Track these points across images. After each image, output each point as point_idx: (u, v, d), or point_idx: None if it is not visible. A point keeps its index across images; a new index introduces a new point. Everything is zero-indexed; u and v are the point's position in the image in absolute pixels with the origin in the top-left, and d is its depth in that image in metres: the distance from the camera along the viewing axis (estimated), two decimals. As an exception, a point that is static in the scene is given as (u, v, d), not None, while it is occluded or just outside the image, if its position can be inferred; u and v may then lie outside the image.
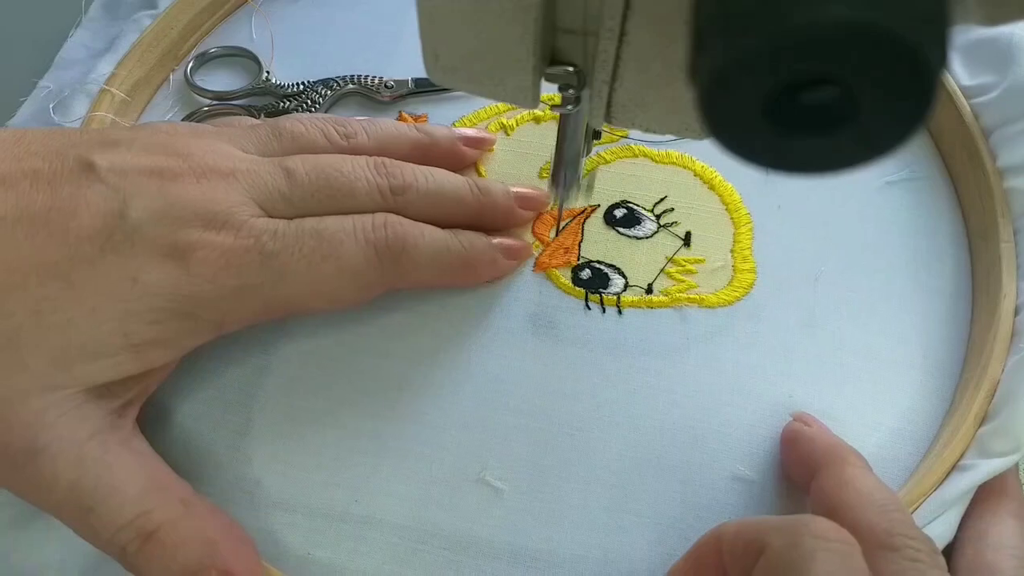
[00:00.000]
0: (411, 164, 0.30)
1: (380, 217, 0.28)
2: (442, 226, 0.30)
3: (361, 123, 0.31)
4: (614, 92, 0.22)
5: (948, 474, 0.26)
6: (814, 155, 0.15)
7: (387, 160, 0.29)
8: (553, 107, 0.23)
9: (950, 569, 0.25)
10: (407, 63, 0.37)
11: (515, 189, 0.32)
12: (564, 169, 0.28)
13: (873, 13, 0.13)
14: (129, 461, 0.24)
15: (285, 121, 0.30)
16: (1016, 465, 0.27)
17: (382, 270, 0.27)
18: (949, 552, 0.26)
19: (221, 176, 0.26)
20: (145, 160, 0.26)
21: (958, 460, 0.26)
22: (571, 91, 0.23)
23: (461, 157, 0.33)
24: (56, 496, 0.23)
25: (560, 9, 0.21)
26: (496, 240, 0.31)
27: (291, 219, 0.27)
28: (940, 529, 0.26)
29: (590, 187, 0.32)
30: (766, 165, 0.16)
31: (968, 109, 0.33)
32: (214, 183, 0.26)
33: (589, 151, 0.29)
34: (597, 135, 0.29)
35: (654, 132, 0.23)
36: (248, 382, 0.29)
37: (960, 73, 0.34)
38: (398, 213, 0.29)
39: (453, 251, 0.29)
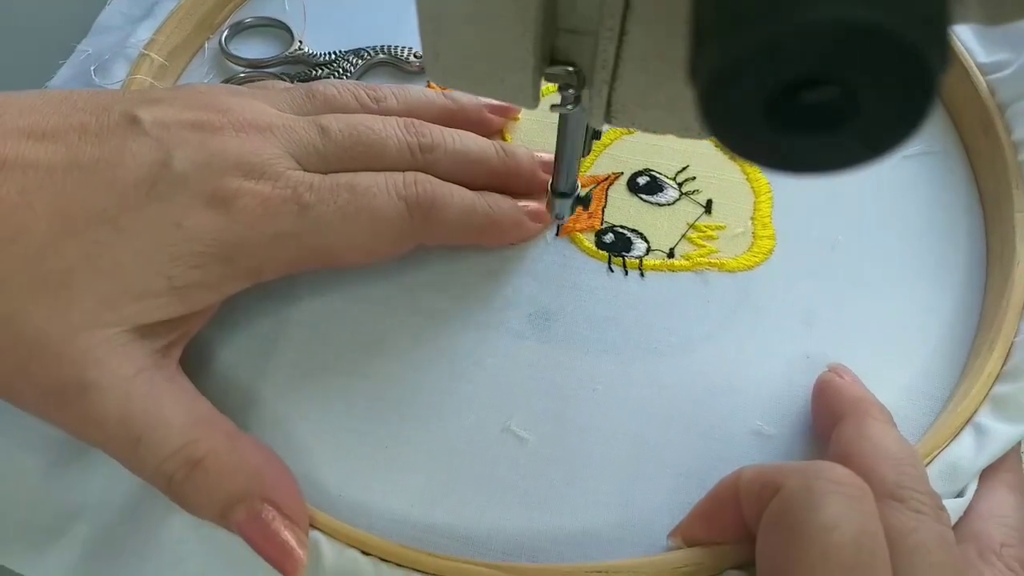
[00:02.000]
0: (439, 126, 0.31)
1: (411, 175, 0.29)
2: (468, 187, 0.31)
3: (391, 88, 0.32)
4: (614, 92, 0.22)
5: (962, 428, 0.27)
6: (814, 154, 0.15)
7: (416, 121, 0.30)
8: (553, 107, 0.24)
9: None
10: (436, 35, 0.38)
11: (539, 155, 0.33)
12: (564, 174, 0.28)
13: (873, 13, 0.13)
14: (175, 396, 0.25)
15: (318, 85, 0.31)
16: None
17: (413, 225, 0.28)
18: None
19: (259, 130, 0.27)
20: (187, 115, 0.27)
21: (972, 415, 0.27)
22: (571, 91, 0.23)
23: (487, 124, 0.34)
24: (105, 430, 0.24)
25: (560, 9, 0.21)
26: (522, 203, 0.32)
27: (326, 174, 0.28)
28: (957, 506, 0.26)
29: (587, 200, 0.33)
30: (766, 164, 0.16)
31: (984, 85, 0.34)
32: (252, 136, 0.27)
33: (589, 151, 0.29)
34: (597, 135, 0.29)
35: (654, 132, 0.23)
36: (282, 334, 0.30)
37: (976, 50, 0.35)
38: (426, 172, 0.29)
39: (480, 211, 0.30)
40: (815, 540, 0.20)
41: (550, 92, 0.35)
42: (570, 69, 0.22)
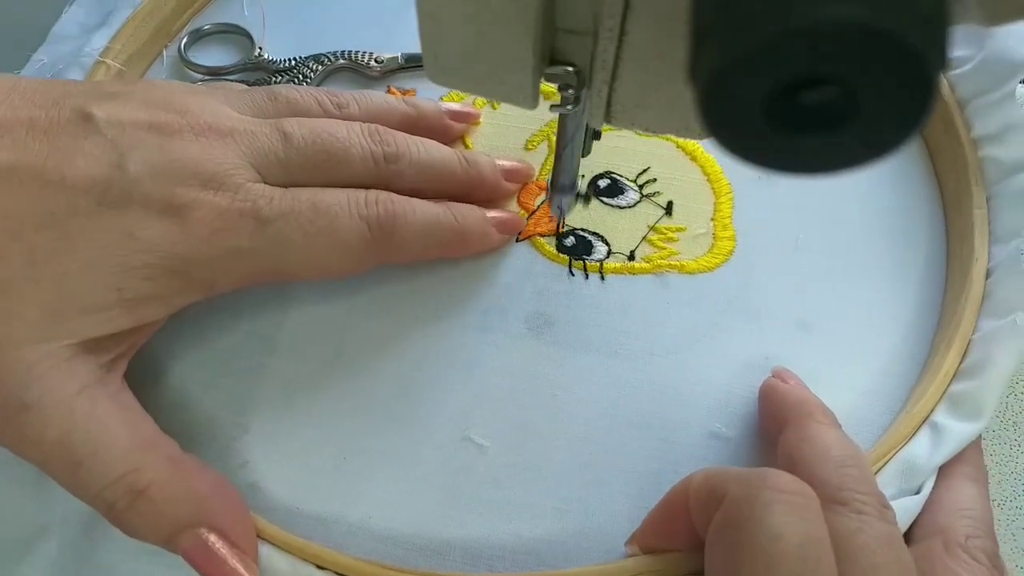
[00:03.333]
0: (403, 133, 0.30)
1: (373, 194, 0.28)
2: (430, 196, 0.31)
3: (353, 95, 0.32)
4: (614, 92, 0.22)
5: (919, 428, 0.27)
6: (814, 155, 0.15)
7: (381, 128, 0.30)
8: (552, 107, 0.24)
9: (906, 534, 0.25)
10: (397, 39, 0.37)
11: (500, 162, 0.33)
12: (562, 176, 0.28)
13: (873, 13, 0.13)
14: (118, 417, 0.24)
15: (280, 87, 0.30)
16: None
17: (375, 245, 0.28)
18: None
19: (219, 135, 0.26)
20: (144, 114, 0.26)
21: (928, 415, 0.27)
22: (571, 91, 0.23)
23: (448, 130, 0.34)
24: (44, 449, 0.23)
25: (560, 9, 0.21)
26: (489, 214, 0.31)
27: (287, 187, 0.27)
28: (913, 503, 0.26)
29: (587, 198, 0.32)
30: (765, 165, 0.16)
31: (944, 81, 0.34)
32: (212, 142, 0.26)
33: (589, 151, 0.29)
34: (597, 135, 0.29)
35: (654, 132, 0.23)
36: (239, 346, 0.29)
37: (937, 47, 0.35)
38: (389, 181, 0.29)
39: (444, 225, 0.29)
40: (759, 550, 0.20)
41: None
42: (570, 69, 0.22)
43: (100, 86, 0.27)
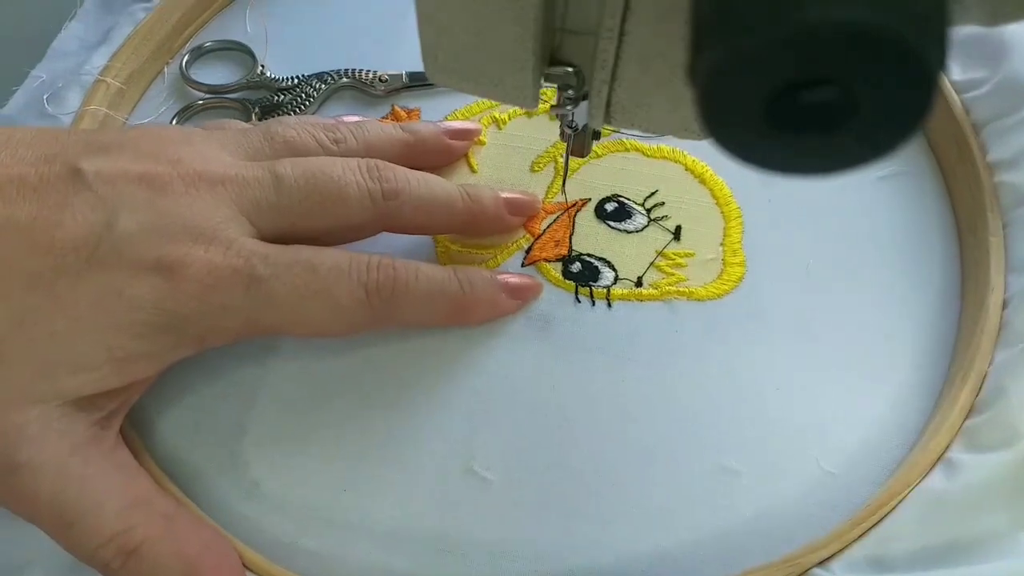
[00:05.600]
0: (403, 168, 0.29)
1: (376, 258, 0.27)
2: (432, 231, 0.30)
3: (350, 127, 0.31)
4: (614, 92, 0.22)
5: (934, 465, 0.26)
6: (813, 156, 0.15)
7: (379, 163, 0.29)
8: (552, 107, 0.23)
9: None
10: (401, 57, 0.37)
11: (505, 195, 0.32)
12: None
13: (872, 14, 0.13)
14: (111, 475, 0.24)
15: (276, 126, 0.30)
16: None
17: (371, 312, 0.27)
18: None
19: (210, 185, 0.26)
20: (135, 166, 0.25)
21: (944, 452, 0.26)
22: (571, 91, 0.23)
23: (449, 151, 0.33)
24: (37, 509, 0.23)
25: (559, 9, 0.21)
26: (502, 278, 0.30)
27: (284, 233, 0.27)
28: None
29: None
30: (765, 166, 0.15)
31: (959, 104, 0.33)
32: (203, 193, 0.26)
33: (589, 151, 0.29)
34: (597, 135, 0.29)
35: (654, 132, 0.23)
36: (237, 375, 0.29)
37: (952, 68, 0.34)
38: (389, 218, 0.28)
39: (449, 294, 0.28)
40: None
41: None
42: (570, 69, 0.22)
43: (94, 137, 0.27)
